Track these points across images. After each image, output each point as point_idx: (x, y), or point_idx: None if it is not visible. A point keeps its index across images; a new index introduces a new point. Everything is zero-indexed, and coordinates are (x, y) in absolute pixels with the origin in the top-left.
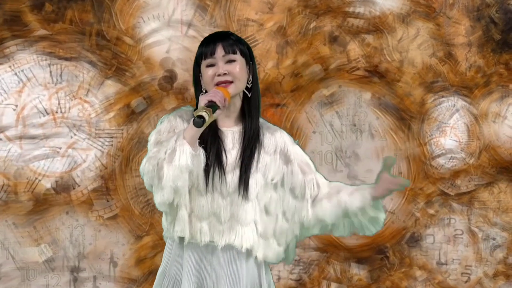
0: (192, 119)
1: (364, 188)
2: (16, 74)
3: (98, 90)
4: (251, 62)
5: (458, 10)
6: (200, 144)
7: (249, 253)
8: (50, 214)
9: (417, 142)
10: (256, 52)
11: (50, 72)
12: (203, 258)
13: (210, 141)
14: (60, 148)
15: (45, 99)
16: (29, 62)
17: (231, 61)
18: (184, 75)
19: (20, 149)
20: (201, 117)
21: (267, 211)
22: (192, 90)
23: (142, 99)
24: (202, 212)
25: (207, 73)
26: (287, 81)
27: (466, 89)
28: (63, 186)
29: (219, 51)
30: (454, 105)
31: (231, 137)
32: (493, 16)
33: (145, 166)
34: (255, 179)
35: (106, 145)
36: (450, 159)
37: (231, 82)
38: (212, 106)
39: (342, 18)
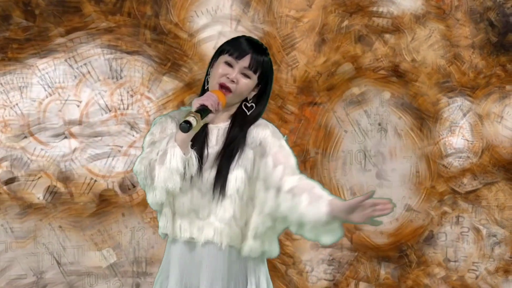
0: (179, 123)
1: (326, 204)
2: (78, 68)
3: (158, 86)
4: (261, 85)
5: (462, 12)
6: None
7: (230, 249)
8: (111, 216)
9: (431, 141)
10: (294, 49)
11: (110, 66)
12: (185, 255)
13: (196, 137)
14: (122, 147)
15: (107, 95)
16: (90, 56)
17: (246, 75)
18: None
19: (81, 147)
20: (187, 122)
21: (249, 205)
22: None
23: (196, 96)
24: (182, 209)
25: (220, 68)
26: (322, 80)
27: (470, 90)
28: (125, 187)
29: (245, 61)
30: (461, 105)
31: (216, 133)
32: (492, 19)
33: (137, 167)
34: (235, 175)
35: None
36: (458, 158)
37: (231, 91)
38: (204, 110)
39: (368, 17)
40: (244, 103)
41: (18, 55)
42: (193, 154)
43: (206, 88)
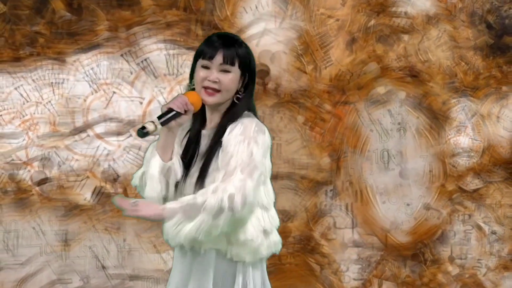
0: (137, 130)
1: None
2: (138, 63)
3: None
4: (247, 74)
5: (465, 14)
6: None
7: (216, 252)
8: None
9: (442, 141)
10: (329, 48)
11: (167, 62)
12: (180, 262)
13: (190, 144)
14: None
15: (166, 92)
16: (149, 51)
17: (225, 71)
18: (276, 69)
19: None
20: (143, 127)
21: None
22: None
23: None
24: None
25: (200, 73)
26: (353, 78)
27: (471, 91)
28: None
29: (218, 58)
30: (464, 106)
31: (207, 137)
32: (491, 21)
33: (134, 179)
34: (213, 178)
35: None
36: (463, 157)
37: (218, 91)
38: (169, 112)
39: (389, 17)
40: (235, 96)
41: (62, 50)
42: (176, 162)
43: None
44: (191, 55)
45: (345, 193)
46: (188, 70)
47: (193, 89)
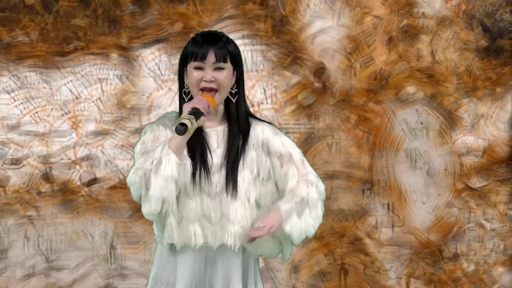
0: (175, 126)
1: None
2: None
3: (282, 79)
4: (237, 69)
5: (468, 16)
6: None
7: (243, 250)
8: None
9: (453, 140)
10: (371, 46)
11: (245, 58)
12: (198, 261)
13: (195, 142)
14: None
15: (247, 89)
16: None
17: (219, 68)
18: (332, 67)
19: None
20: (183, 124)
21: (258, 206)
22: None
23: (310, 92)
24: (192, 215)
25: (194, 75)
26: (391, 77)
27: (472, 92)
28: None
29: (211, 57)
30: (467, 106)
31: (215, 136)
32: (488, 25)
33: (132, 177)
34: (243, 177)
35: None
36: (468, 157)
37: (216, 90)
38: (196, 113)
39: (413, 18)
40: (229, 91)
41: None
42: (188, 160)
43: (185, 98)
44: (265, 50)
45: (384, 192)
46: (264, 67)
47: (188, 92)
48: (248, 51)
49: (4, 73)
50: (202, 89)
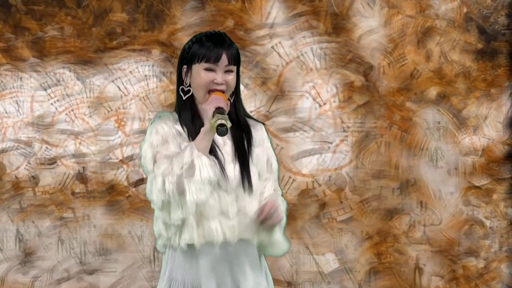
0: (216, 129)
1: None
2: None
3: (340, 80)
4: (237, 69)
5: (467, 18)
6: None
7: (257, 243)
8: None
9: (459, 139)
10: (404, 46)
11: (306, 56)
12: (219, 258)
13: None
14: (331, 143)
15: (318, 86)
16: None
17: (229, 71)
18: (377, 67)
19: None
20: (223, 125)
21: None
22: None
23: (362, 91)
24: (211, 212)
25: (204, 76)
26: (421, 77)
27: (471, 92)
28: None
29: (224, 60)
30: (467, 107)
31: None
32: (485, 27)
33: (159, 185)
34: (254, 171)
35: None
36: (469, 156)
37: (223, 92)
38: (221, 112)
39: (432, 20)
40: None
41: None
42: (215, 160)
43: (183, 96)
44: (329, 48)
45: (416, 191)
46: (329, 65)
47: (188, 91)
48: (306, 48)
49: (39, 70)
50: (211, 91)
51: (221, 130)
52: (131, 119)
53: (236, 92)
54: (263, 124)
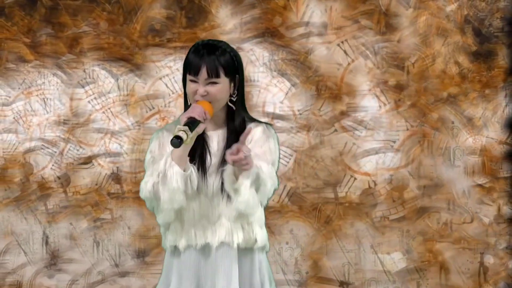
0: (170, 139)
1: None
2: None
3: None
4: (237, 75)
5: (466, 20)
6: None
7: (240, 246)
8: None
9: (463, 139)
10: (432, 46)
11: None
12: (200, 260)
13: (196, 144)
14: (394, 142)
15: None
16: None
17: (212, 83)
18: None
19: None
20: (178, 137)
21: None
22: None
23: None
24: (193, 216)
25: (189, 87)
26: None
27: (469, 93)
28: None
29: (203, 73)
30: (466, 107)
31: (216, 139)
32: (481, 29)
33: (143, 190)
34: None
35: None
36: (468, 156)
37: (209, 102)
38: (193, 122)
39: (445, 21)
40: (229, 98)
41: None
42: (193, 170)
43: (189, 104)
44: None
45: (445, 191)
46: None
47: None
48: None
49: (79, 67)
50: (196, 102)
51: (174, 141)
52: (173, 118)
53: (238, 99)
54: (270, 125)
